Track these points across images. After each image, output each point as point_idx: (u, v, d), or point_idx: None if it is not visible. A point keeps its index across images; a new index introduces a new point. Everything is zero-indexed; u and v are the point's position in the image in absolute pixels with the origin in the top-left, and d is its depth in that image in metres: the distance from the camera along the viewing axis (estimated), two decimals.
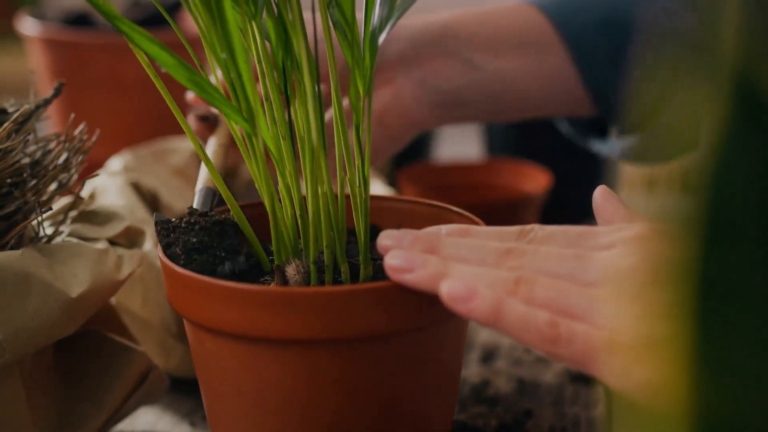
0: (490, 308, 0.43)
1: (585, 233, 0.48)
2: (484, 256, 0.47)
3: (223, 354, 0.50)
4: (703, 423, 0.20)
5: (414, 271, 0.46)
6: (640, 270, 0.41)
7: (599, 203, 0.52)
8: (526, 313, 0.43)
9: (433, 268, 0.46)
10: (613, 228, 0.48)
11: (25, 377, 0.54)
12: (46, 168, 0.57)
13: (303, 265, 0.52)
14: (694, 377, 0.20)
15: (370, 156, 0.54)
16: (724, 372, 0.20)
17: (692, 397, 0.20)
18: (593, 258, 0.46)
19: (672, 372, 0.21)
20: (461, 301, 0.44)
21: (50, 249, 0.55)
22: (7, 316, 0.51)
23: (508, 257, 0.47)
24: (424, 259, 0.47)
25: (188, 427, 0.65)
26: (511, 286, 0.45)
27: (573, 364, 0.43)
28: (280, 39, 0.51)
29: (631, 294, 0.40)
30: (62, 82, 0.60)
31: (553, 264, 0.46)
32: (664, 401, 0.22)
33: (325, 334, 0.47)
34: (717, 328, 0.20)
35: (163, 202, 0.75)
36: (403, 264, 0.47)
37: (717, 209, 0.19)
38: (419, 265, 0.46)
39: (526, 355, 0.75)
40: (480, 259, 0.47)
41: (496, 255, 0.47)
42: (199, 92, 0.48)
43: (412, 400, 0.51)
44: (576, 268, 0.45)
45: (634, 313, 0.33)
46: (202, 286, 0.49)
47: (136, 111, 1.09)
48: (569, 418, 0.66)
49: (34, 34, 1.09)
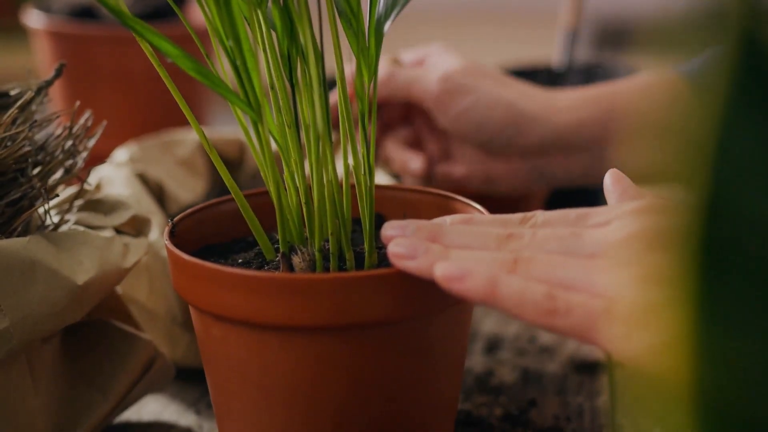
0: (485, 284, 0.43)
1: (583, 214, 0.48)
2: (486, 242, 0.48)
3: (230, 341, 0.50)
4: (706, 387, 0.20)
5: (416, 258, 0.47)
6: (636, 238, 0.41)
7: (609, 185, 0.52)
8: (521, 287, 0.43)
9: (434, 255, 0.46)
10: (612, 206, 0.48)
11: (32, 364, 0.55)
12: (51, 154, 0.58)
13: (308, 253, 0.52)
14: (695, 340, 0.20)
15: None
16: (727, 334, 0.20)
17: (694, 361, 0.20)
18: (590, 233, 0.46)
19: (672, 336, 0.21)
20: (455, 281, 0.44)
21: (57, 237, 0.55)
22: (14, 303, 0.51)
23: (508, 242, 0.47)
24: (426, 247, 0.47)
25: (194, 415, 0.65)
26: (509, 266, 0.45)
27: (572, 336, 0.42)
28: (286, 27, 0.52)
29: (628, 261, 0.40)
30: (63, 63, 0.60)
31: (550, 243, 0.46)
32: (665, 366, 0.22)
33: (332, 320, 0.48)
34: (719, 290, 0.20)
35: (168, 193, 0.75)
36: (405, 251, 0.47)
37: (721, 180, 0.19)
38: (421, 252, 0.47)
39: (530, 345, 0.75)
40: (481, 245, 0.48)
41: (497, 241, 0.47)
42: (203, 81, 0.48)
43: (418, 386, 0.51)
44: (572, 245, 0.45)
45: (633, 279, 0.33)
46: (209, 273, 0.49)
47: (142, 103, 1.10)
48: (573, 408, 0.66)
49: (39, 27, 1.10)
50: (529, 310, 0.43)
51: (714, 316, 0.20)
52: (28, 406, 0.55)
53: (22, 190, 0.55)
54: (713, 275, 0.20)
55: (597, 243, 0.45)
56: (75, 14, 1.17)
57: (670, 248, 0.21)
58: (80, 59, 1.07)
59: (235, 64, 0.49)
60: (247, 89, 0.50)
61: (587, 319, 0.41)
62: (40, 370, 0.56)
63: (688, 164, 0.20)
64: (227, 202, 0.59)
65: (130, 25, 0.46)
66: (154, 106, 1.09)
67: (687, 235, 0.20)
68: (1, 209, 0.55)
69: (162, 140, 0.81)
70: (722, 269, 0.20)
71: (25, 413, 0.54)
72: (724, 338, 0.20)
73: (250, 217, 0.54)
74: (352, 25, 0.52)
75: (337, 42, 0.52)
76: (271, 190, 0.52)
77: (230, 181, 0.54)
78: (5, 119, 0.55)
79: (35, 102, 0.58)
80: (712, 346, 0.20)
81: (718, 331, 0.20)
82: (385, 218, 0.60)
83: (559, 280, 0.44)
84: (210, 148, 0.54)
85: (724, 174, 0.20)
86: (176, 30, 1.10)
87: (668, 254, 0.21)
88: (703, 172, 0.20)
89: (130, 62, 1.07)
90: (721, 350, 0.20)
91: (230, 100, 0.50)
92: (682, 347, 0.20)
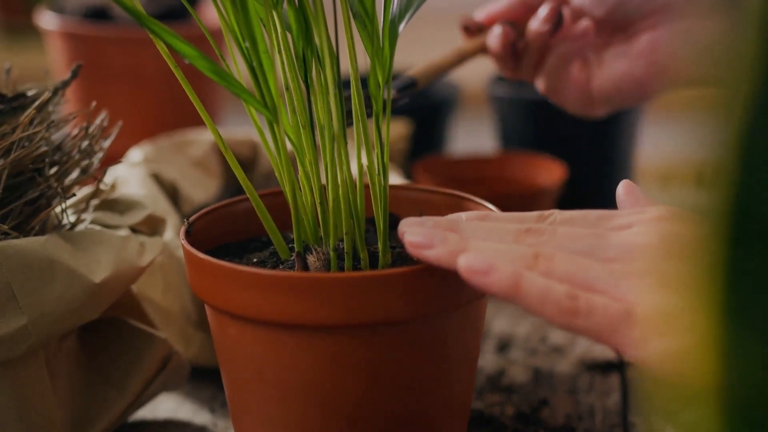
0: (509, 281, 0.43)
1: (604, 216, 0.48)
2: (503, 236, 0.48)
3: (246, 340, 0.51)
4: (733, 392, 0.20)
5: (433, 247, 0.46)
6: (659, 245, 0.41)
7: (622, 196, 0.52)
8: (545, 285, 0.43)
9: (452, 244, 0.46)
10: (632, 211, 0.48)
11: (50, 361, 0.55)
12: (68, 154, 0.58)
13: (323, 253, 0.52)
14: (720, 345, 0.20)
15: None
16: (750, 341, 0.20)
17: (716, 367, 0.20)
18: (612, 236, 0.46)
19: (692, 343, 0.21)
20: (479, 275, 0.44)
21: (74, 236, 0.56)
22: (32, 301, 0.52)
23: (526, 236, 0.47)
24: (443, 236, 0.47)
25: (208, 414, 0.66)
26: (530, 261, 0.45)
27: (592, 337, 0.42)
28: (301, 29, 0.52)
29: (651, 268, 0.41)
30: (79, 64, 0.61)
31: (571, 242, 0.46)
32: (685, 372, 0.22)
33: (346, 319, 0.48)
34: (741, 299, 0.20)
35: (182, 193, 0.76)
36: (423, 240, 0.47)
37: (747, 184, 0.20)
38: (439, 242, 0.46)
39: (542, 344, 0.75)
40: (499, 238, 0.47)
41: (515, 235, 0.47)
42: (219, 81, 0.49)
43: (432, 384, 0.52)
44: (594, 245, 0.46)
45: (654, 285, 0.33)
46: (225, 271, 0.50)
47: (156, 103, 1.10)
48: (584, 407, 0.66)
49: (53, 28, 1.10)
50: (550, 308, 0.43)
51: (740, 320, 0.20)
52: (45, 402, 0.55)
53: (39, 190, 0.56)
54: (739, 281, 0.20)
55: (619, 246, 0.45)
56: (88, 15, 1.17)
57: (693, 256, 0.21)
58: (93, 60, 1.08)
59: (251, 65, 0.50)
60: (262, 90, 0.50)
61: (608, 322, 0.42)
62: (58, 368, 0.56)
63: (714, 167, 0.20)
64: (242, 202, 0.59)
65: (148, 26, 0.47)
66: (167, 106, 1.10)
67: (712, 242, 0.20)
68: (19, 208, 0.55)
69: (176, 140, 0.81)
70: (748, 275, 0.20)
71: (42, 410, 0.55)
72: (750, 343, 0.20)
73: (264, 217, 0.54)
74: (366, 26, 0.52)
75: (352, 43, 0.52)
76: (287, 190, 0.53)
77: (245, 181, 0.54)
78: (23, 120, 0.55)
79: (52, 103, 0.59)
80: (738, 350, 0.20)
81: (744, 336, 0.20)
82: (399, 218, 0.60)
83: (581, 281, 0.44)
84: (225, 148, 0.54)
85: (751, 178, 0.20)
86: (189, 30, 1.10)
87: (691, 262, 0.21)
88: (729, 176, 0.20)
89: (144, 63, 1.08)
90: (748, 355, 0.20)
91: (246, 100, 0.50)
92: (704, 353, 0.21)
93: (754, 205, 0.20)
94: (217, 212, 0.59)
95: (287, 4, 0.52)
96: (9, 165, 0.54)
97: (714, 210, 0.21)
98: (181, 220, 0.70)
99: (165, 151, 0.79)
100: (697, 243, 0.21)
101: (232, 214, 0.59)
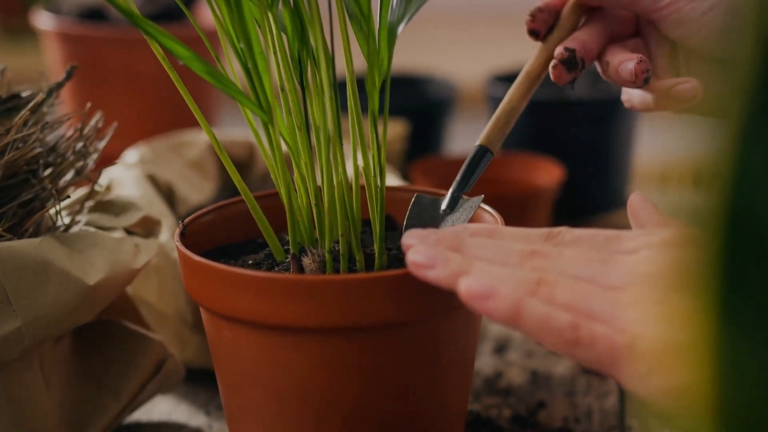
0: (510, 308, 0.43)
1: (612, 237, 0.47)
2: (508, 256, 0.47)
3: (241, 342, 0.50)
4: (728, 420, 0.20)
5: (435, 267, 0.46)
6: (663, 275, 0.41)
7: (634, 209, 0.51)
8: (546, 313, 0.43)
9: (454, 265, 0.46)
10: (641, 233, 0.47)
11: (44, 364, 0.55)
12: (62, 156, 0.58)
13: (318, 255, 0.52)
14: (716, 382, 0.20)
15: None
16: (748, 377, 0.20)
17: (715, 402, 0.20)
18: (617, 261, 0.45)
19: (694, 377, 0.21)
20: (480, 300, 0.43)
21: (68, 238, 0.55)
22: (26, 304, 0.52)
23: (531, 258, 0.47)
24: (445, 257, 0.46)
25: (204, 416, 0.66)
26: (532, 287, 0.44)
27: (593, 367, 0.42)
28: (296, 30, 0.52)
29: (654, 299, 0.40)
30: (74, 65, 0.61)
31: (575, 266, 0.45)
32: (685, 406, 0.21)
33: (341, 321, 0.48)
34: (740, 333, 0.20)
35: (178, 194, 0.76)
36: (424, 260, 0.46)
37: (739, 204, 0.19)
38: (441, 263, 0.46)
39: (539, 347, 0.75)
40: (503, 259, 0.47)
41: (520, 256, 0.47)
42: (214, 83, 0.48)
43: (428, 387, 0.51)
44: (599, 271, 0.45)
45: (657, 317, 0.33)
46: (220, 274, 0.49)
47: (152, 104, 1.10)
48: (582, 409, 0.66)
49: (49, 28, 1.10)
50: (551, 337, 0.42)
51: (736, 358, 0.20)
52: (39, 405, 0.55)
53: (33, 192, 0.55)
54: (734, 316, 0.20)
55: (624, 273, 0.44)
56: (84, 16, 1.17)
57: (695, 288, 0.20)
58: (89, 61, 1.07)
59: (246, 66, 0.50)
60: (258, 91, 0.50)
61: (610, 353, 0.41)
62: (52, 371, 0.56)
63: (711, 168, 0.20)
64: (237, 204, 0.59)
65: (141, 27, 0.46)
66: (163, 107, 1.09)
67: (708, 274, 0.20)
68: (13, 210, 0.55)
69: (171, 142, 0.81)
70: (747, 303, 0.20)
71: (36, 413, 0.55)
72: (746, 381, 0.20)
73: (260, 219, 0.54)
74: (362, 27, 0.52)
75: (348, 45, 0.52)
76: (282, 192, 0.53)
77: (240, 183, 0.54)
78: (17, 121, 0.55)
79: (46, 104, 0.58)
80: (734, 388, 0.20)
81: (740, 374, 0.20)
82: (395, 220, 0.60)
83: (584, 310, 0.43)
84: (221, 149, 0.54)
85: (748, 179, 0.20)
86: (184, 31, 1.10)
87: (692, 295, 0.20)
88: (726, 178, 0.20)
89: (140, 64, 1.08)
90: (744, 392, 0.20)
91: (241, 102, 0.50)
92: (703, 389, 0.20)
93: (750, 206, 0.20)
94: (212, 214, 0.58)
95: (282, 5, 0.51)
96: (3, 166, 0.54)
97: (711, 212, 0.21)
98: (176, 222, 0.69)
99: (161, 152, 0.79)
100: (699, 274, 0.21)
101: (227, 215, 0.59)
